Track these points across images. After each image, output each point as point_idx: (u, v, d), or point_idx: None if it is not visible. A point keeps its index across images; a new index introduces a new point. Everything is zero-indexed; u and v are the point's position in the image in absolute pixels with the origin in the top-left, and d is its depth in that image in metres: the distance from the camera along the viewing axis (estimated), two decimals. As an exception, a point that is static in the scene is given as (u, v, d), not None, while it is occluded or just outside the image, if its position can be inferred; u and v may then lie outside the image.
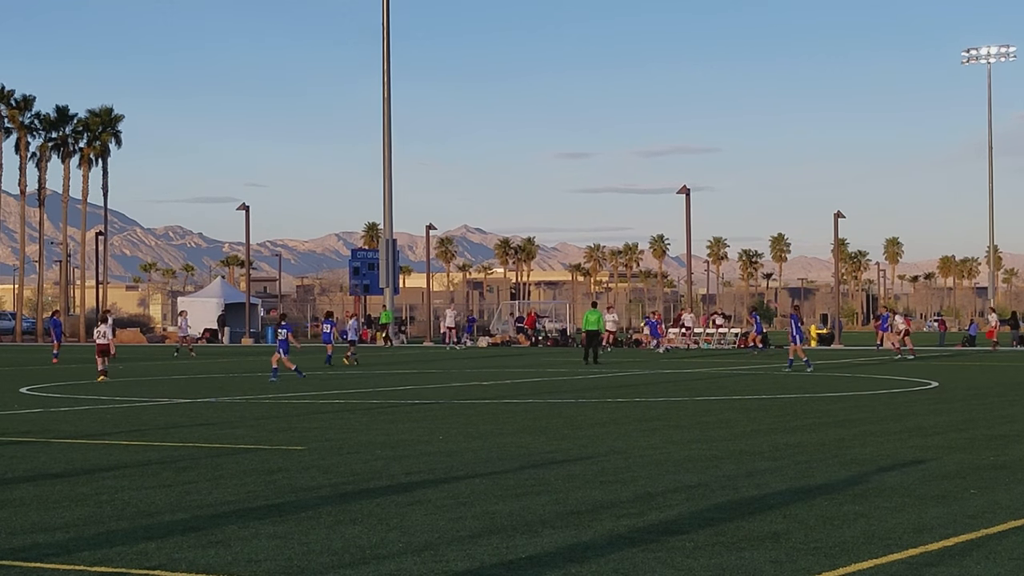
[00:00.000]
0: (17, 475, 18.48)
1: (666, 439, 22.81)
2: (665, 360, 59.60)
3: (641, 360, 59.46)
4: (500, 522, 14.02)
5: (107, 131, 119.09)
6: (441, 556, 12.24)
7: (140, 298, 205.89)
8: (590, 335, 56.93)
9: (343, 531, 13.63)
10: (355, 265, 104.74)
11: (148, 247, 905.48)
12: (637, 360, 59.05)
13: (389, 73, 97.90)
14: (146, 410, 31.34)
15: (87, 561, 12.11)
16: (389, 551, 12.53)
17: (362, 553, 12.44)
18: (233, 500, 15.83)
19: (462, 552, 12.44)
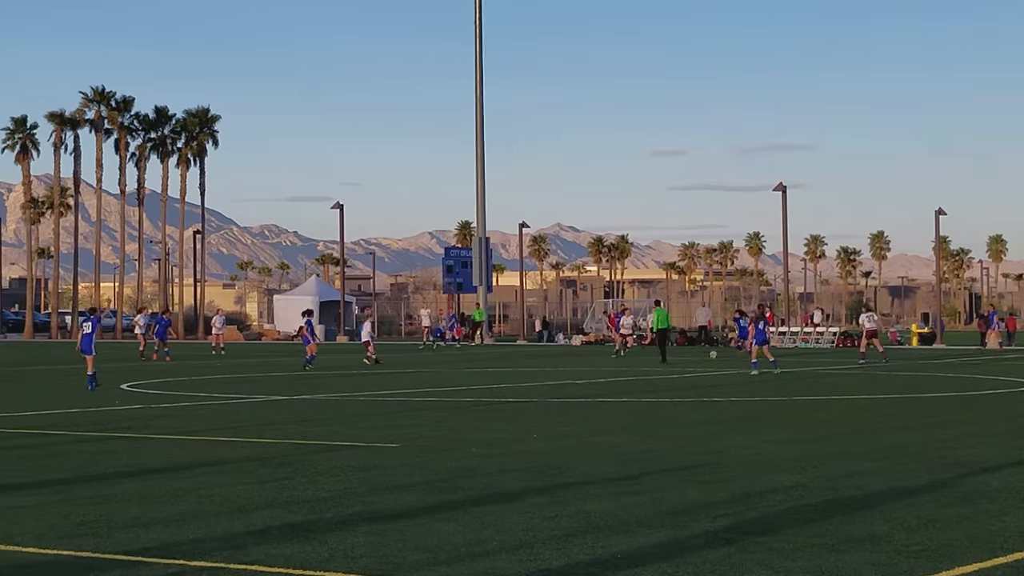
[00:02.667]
0: (119, 470, 18.66)
1: (763, 439, 22.63)
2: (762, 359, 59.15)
3: (738, 359, 59.09)
4: (595, 521, 13.95)
5: (204, 131, 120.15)
6: (536, 555, 12.20)
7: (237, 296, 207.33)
8: (661, 333, 57.40)
9: (438, 528, 13.61)
10: (448, 263, 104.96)
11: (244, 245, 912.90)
12: (733, 359, 58.65)
13: (482, 71, 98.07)
14: (243, 406, 31.56)
15: (186, 555, 12.18)
16: (484, 549, 12.50)
17: (457, 551, 12.42)
18: (329, 497, 15.87)
19: (557, 551, 12.38)
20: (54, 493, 16.26)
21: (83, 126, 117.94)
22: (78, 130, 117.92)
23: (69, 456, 20.52)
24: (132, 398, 34.14)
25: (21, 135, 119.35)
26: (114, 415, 28.97)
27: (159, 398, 34.20)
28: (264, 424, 26.42)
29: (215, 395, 35.20)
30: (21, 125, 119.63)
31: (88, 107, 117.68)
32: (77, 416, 28.58)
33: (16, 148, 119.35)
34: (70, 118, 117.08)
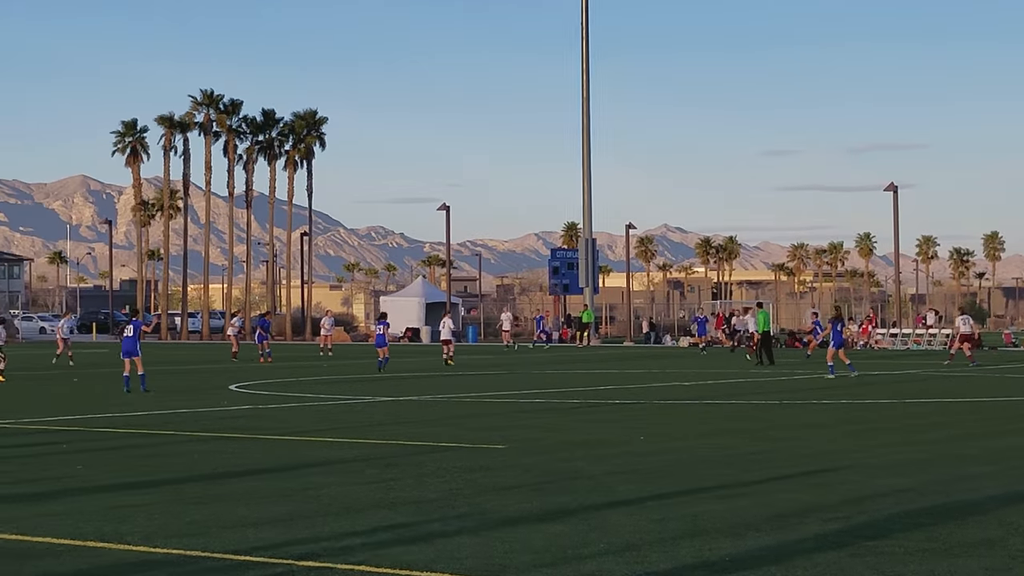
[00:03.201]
0: (227, 470, 18.79)
1: (874, 441, 22.36)
2: (872, 361, 58.58)
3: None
4: (703, 524, 13.83)
5: (311, 134, 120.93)
6: (643, 557, 12.11)
7: (344, 297, 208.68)
8: (764, 336, 56.94)
9: (544, 530, 13.56)
10: (555, 265, 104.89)
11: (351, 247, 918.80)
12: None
13: (588, 72, 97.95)
14: (351, 407, 31.70)
15: (294, 555, 12.22)
16: (590, 551, 12.43)
17: (563, 552, 12.36)
18: (435, 498, 15.87)
19: (664, 553, 12.29)
20: (164, 493, 16.40)
21: (192, 129, 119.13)
22: (187, 133, 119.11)
23: (179, 456, 20.70)
24: (240, 399, 34.40)
25: (131, 139, 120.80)
26: (223, 416, 29.21)
27: (267, 399, 34.44)
28: (371, 425, 26.52)
29: (323, 396, 35.39)
30: (131, 129, 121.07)
31: (197, 110, 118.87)
32: (186, 416, 28.85)
33: (127, 151, 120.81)
34: (179, 121, 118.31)
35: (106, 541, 13.01)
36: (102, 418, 28.38)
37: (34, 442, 23.21)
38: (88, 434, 24.65)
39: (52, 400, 34.04)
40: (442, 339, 56.43)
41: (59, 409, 30.81)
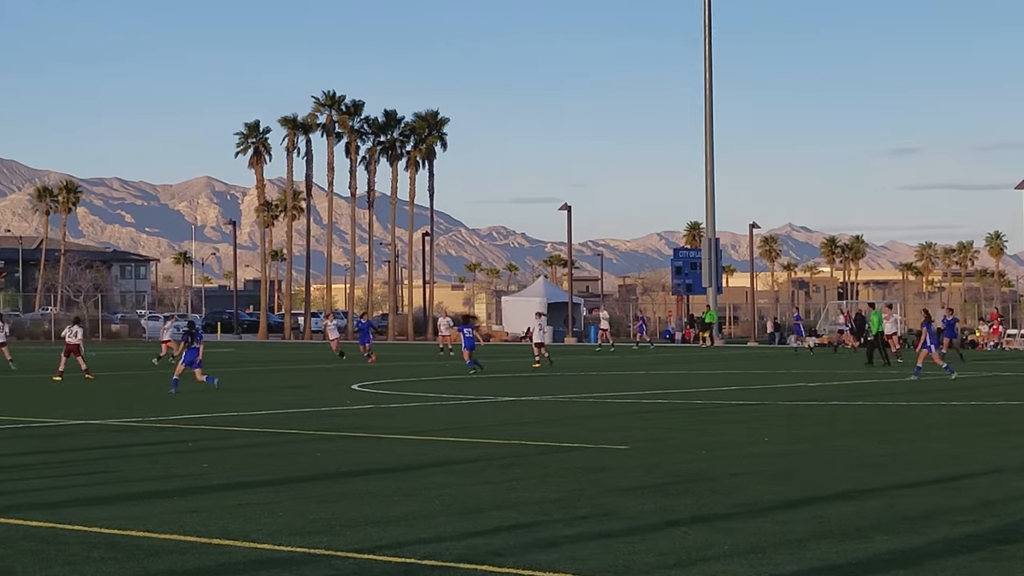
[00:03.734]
0: (351, 469, 18.86)
1: (1007, 444, 21.96)
2: (1004, 362, 57.72)
3: (978, 362, 57.69)
4: (830, 526, 13.64)
5: (433, 134, 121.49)
6: (769, 559, 11.96)
7: (465, 297, 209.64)
8: (878, 336, 56.20)
9: (668, 531, 13.44)
10: (677, 264, 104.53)
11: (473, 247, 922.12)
12: (973, 362, 57.25)
13: (711, 70, 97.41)
14: (473, 407, 31.74)
15: (417, 555, 12.22)
16: (715, 552, 12.31)
17: (688, 554, 12.25)
18: (558, 498, 15.80)
19: (790, 556, 12.12)
20: (288, 491, 16.49)
21: (315, 130, 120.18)
22: (310, 134, 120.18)
23: (302, 455, 20.82)
24: (363, 398, 34.58)
25: (255, 140, 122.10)
26: (346, 415, 29.37)
27: (389, 398, 34.58)
28: (493, 425, 26.52)
29: (444, 396, 35.47)
30: (254, 130, 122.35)
31: (319, 112, 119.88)
32: (310, 416, 29.04)
33: (250, 152, 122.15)
34: (302, 123, 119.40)
35: (231, 539, 13.10)
36: (226, 417, 28.66)
37: (160, 440, 23.47)
38: (213, 432, 24.89)
39: (177, 399, 34.42)
40: (535, 342, 55.52)
41: (184, 408, 31.15)
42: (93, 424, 26.78)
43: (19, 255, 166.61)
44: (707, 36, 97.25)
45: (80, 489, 16.76)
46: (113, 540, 13.05)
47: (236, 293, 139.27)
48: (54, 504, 15.36)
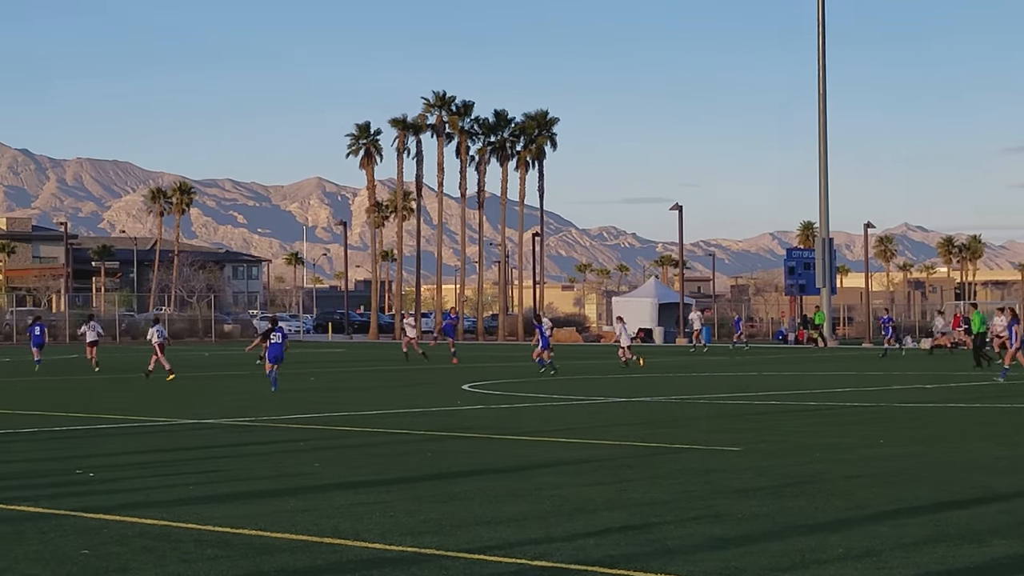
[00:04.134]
0: (461, 469, 18.86)
1: (1124, 446, 21.54)
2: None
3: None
4: (946, 529, 13.43)
5: (543, 134, 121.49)
6: (883, 562, 11.79)
7: (575, 298, 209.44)
8: (978, 337, 55.19)
9: (781, 534, 13.31)
10: (790, 265, 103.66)
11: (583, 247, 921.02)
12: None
13: (824, 69, 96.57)
14: (583, 408, 31.67)
15: (527, 555, 12.18)
16: (829, 555, 12.17)
17: (801, 556, 12.11)
18: (669, 500, 15.71)
19: (905, 559, 11.95)
20: (399, 491, 16.52)
21: (425, 131, 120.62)
22: (420, 135, 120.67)
23: (414, 455, 20.86)
24: (473, 399, 34.62)
25: (365, 141, 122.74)
26: (456, 415, 29.42)
27: (500, 399, 34.60)
28: (603, 425, 26.43)
29: (555, 396, 35.43)
30: (365, 131, 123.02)
31: (430, 112, 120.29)
32: (420, 416, 29.12)
33: (360, 153, 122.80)
34: (412, 123, 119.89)
35: (343, 538, 13.14)
36: (337, 416, 28.81)
37: (272, 439, 23.64)
38: (324, 432, 25.03)
39: (288, 399, 34.67)
40: (623, 344, 54.57)
41: (296, 408, 31.36)
42: (206, 423, 27.04)
43: (134, 256, 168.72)
44: (821, 34, 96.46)
45: (193, 488, 16.90)
46: (225, 538, 13.14)
47: (347, 293, 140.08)
48: (168, 502, 15.50)
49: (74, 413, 29.66)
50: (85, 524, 13.99)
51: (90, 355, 51.12)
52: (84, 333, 52.04)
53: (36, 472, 18.73)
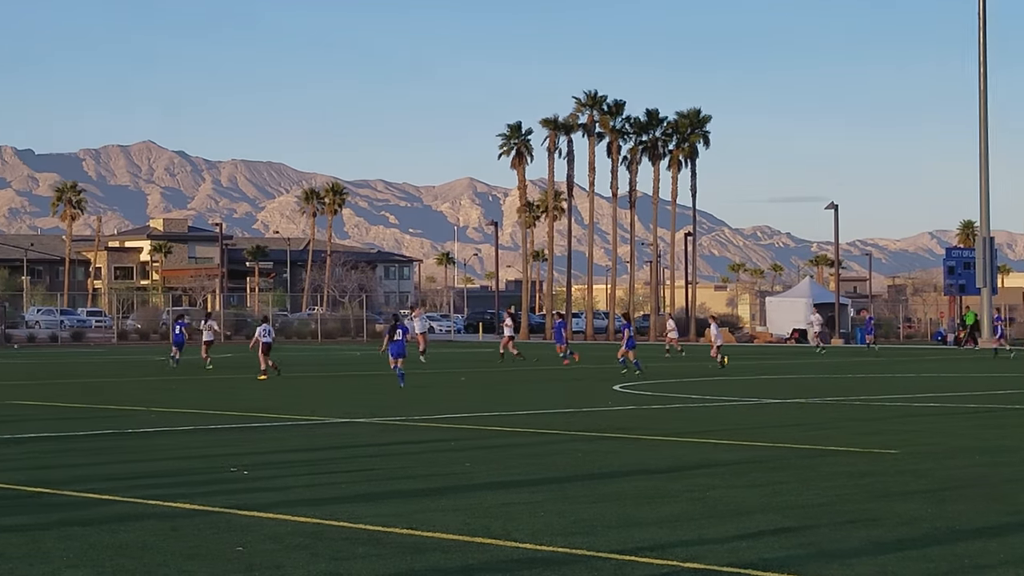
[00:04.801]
0: (611, 470, 18.77)
1: None
2: None
3: None
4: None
5: (696, 133, 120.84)
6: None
7: (728, 298, 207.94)
8: None
9: (939, 538, 13.04)
10: (950, 264, 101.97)
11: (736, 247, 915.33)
12: None
13: (985, 65, 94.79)
14: (735, 409, 31.39)
15: (679, 557, 12.06)
16: (989, 561, 11.92)
17: (960, 562, 11.87)
18: (824, 502, 15.47)
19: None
20: (549, 491, 16.46)
21: (576, 131, 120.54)
22: (571, 135, 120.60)
23: (563, 455, 20.79)
24: (624, 399, 34.48)
25: (516, 141, 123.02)
26: (606, 416, 29.31)
27: (650, 399, 34.43)
28: (756, 427, 26.15)
29: (707, 397, 35.16)
30: (516, 131, 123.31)
31: (581, 112, 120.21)
32: (571, 416, 29.05)
33: (512, 154, 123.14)
34: (563, 123, 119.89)
35: (494, 537, 13.10)
36: (487, 416, 28.84)
37: (422, 439, 23.71)
38: (474, 432, 25.04)
39: (438, 398, 34.81)
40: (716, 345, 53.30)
41: (446, 407, 31.48)
42: (357, 422, 27.21)
43: (287, 256, 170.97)
44: (982, 28, 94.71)
45: (345, 486, 16.99)
46: (377, 537, 13.17)
47: (497, 293, 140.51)
48: (321, 500, 15.59)
49: (227, 411, 30.04)
50: (239, 521, 14.12)
51: (204, 353, 52.07)
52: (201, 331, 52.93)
53: (191, 469, 18.97)
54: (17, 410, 30.76)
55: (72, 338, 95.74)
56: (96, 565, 11.78)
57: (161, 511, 14.83)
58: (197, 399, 34.41)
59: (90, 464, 19.61)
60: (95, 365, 56.52)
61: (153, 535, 13.23)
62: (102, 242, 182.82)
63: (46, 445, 22.49)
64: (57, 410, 30.76)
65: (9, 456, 20.71)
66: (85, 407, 31.64)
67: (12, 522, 14.04)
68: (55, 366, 55.46)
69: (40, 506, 15.30)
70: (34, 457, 20.50)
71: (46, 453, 21.13)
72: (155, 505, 15.22)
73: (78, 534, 13.28)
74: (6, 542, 12.84)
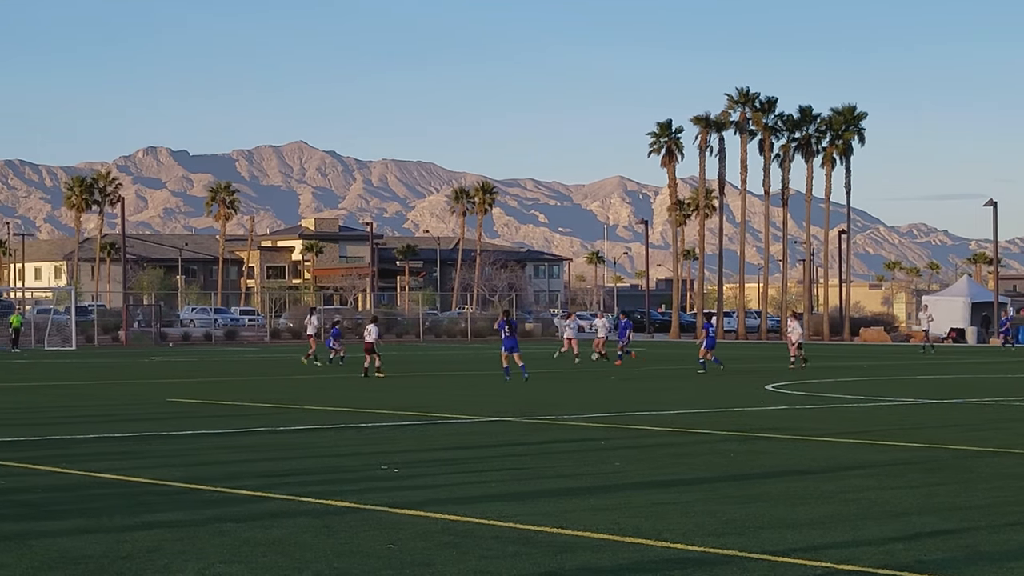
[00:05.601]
0: (764, 470, 18.57)
1: None
2: None
3: None
4: None
5: (850, 129, 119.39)
6: None
7: (883, 296, 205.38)
8: None
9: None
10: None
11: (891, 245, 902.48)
12: None
13: None
14: (890, 410, 30.92)
15: (833, 559, 11.86)
16: None
17: None
18: (983, 504, 15.15)
19: None
20: (701, 491, 16.32)
21: (727, 128, 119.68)
22: (722, 132, 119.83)
23: (714, 455, 20.62)
24: (777, 399, 34.15)
25: (667, 139, 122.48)
26: (759, 416, 29.03)
27: (804, 399, 34.05)
28: (912, 427, 25.74)
29: (861, 397, 34.70)
30: (666, 129, 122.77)
31: (733, 109, 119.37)
32: (721, 415, 28.82)
33: (662, 152, 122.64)
34: (715, 121, 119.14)
35: (644, 537, 13.01)
36: (637, 415, 28.72)
37: (572, 437, 23.66)
38: (624, 431, 24.93)
39: (586, 396, 34.74)
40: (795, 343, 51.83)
41: (595, 405, 31.41)
42: (507, 420, 27.23)
43: (437, 255, 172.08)
44: None
45: (495, 485, 16.98)
46: (526, 536, 13.14)
47: (648, 292, 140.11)
48: (470, 499, 15.60)
49: (378, 409, 30.23)
50: (389, 519, 14.17)
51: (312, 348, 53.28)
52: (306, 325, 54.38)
53: (342, 467, 19.11)
54: (173, 408, 31.26)
55: (226, 337, 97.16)
56: (249, 561, 11.88)
57: (313, 508, 14.93)
58: (348, 397, 34.68)
59: (243, 461, 19.83)
60: (248, 363, 57.29)
61: (305, 532, 13.32)
62: (255, 242, 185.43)
63: (201, 442, 22.80)
64: (211, 408, 31.21)
65: (166, 452, 21.04)
66: (238, 404, 32.06)
67: (168, 518, 14.23)
68: (209, 364, 56.31)
69: (195, 502, 15.49)
70: (189, 454, 20.79)
71: (201, 450, 21.42)
72: (307, 502, 15.33)
73: (231, 530, 13.42)
74: (162, 537, 13.02)
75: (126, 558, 12.00)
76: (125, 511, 14.73)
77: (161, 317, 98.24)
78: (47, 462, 19.34)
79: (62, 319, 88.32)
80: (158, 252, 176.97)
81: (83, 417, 28.22)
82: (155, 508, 14.96)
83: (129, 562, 11.84)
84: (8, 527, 13.66)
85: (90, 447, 21.85)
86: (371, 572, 11.47)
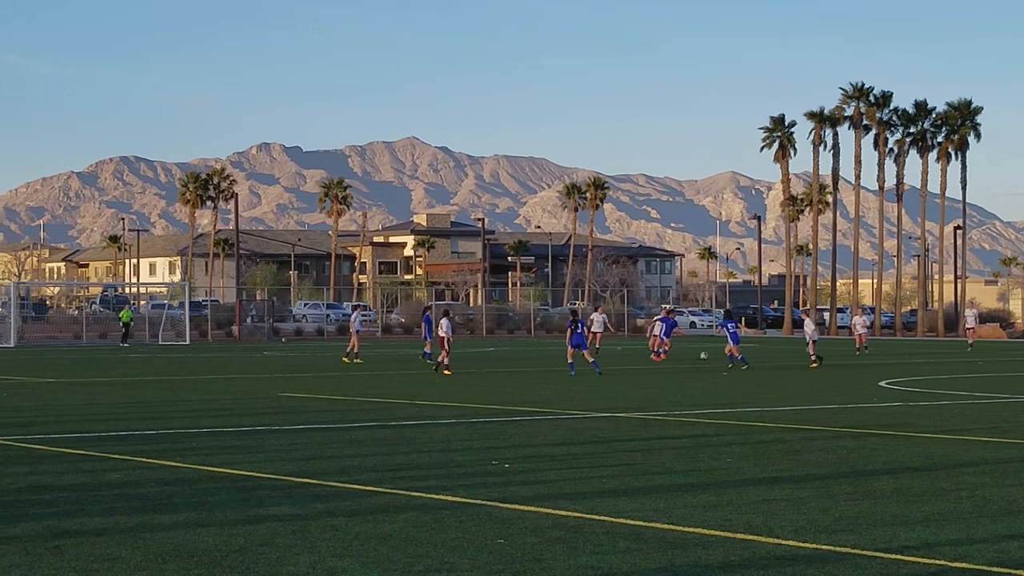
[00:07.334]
0: (877, 467, 18.42)
1: None
2: None
3: None
4: None
5: (966, 124, 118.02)
6: None
7: (999, 293, 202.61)
8: None
9: None
10: None
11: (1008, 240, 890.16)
12: None
13: None
14: (1006, 406, 30.53)
15: (947, 556, 11.75)
16: None
17: None
18: (1101, 503, 14.91)
19: None
20: (813, 488, 16.21)
21: (841, 123, 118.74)
22: (836, 127, 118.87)
23: (826, 452, 20.46)
24: (890, 395, 33.83)
25: (779, 134, 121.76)
26: (872, 412, 28.78)
27: (918, 396, 33.72)
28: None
29: (976, 394, 34.29)
30: (779, 124, 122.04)
31: (846, 104, 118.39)
32: (834, 412, 28.60)
33: (775, 147, 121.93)
34: (828, 116, 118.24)
35: (755, 534, 12.95)
36: (749, 412, 28.58)
37: (683, 434, 23.60)
38: (735, 427, 24.83)
39: (698, 392, 34.61)
40: (811, 341, 50.50)
41: (707, 401, 31.30)
42: (618, 416, 27.19)
43: (548, 251, 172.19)
44: None
45: (606, 480, 16.98)
46: (637, 531, 13.12)
47: (760, 288, 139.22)
48: (581, 494, 15.60)
49: (489, 404, 30.30)
50: (500, 514, 14.20)
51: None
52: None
53: (452, 462, 19.18)
54: (285, 402, 31.54)
55: (338, 332, 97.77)
56: (360, 556, 11.97)
57: (424, 503, 15.00)
58: (459, 392, 34.80)
59: (355, 456, 19.96)
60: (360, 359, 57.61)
61: (416, 527, 13.39)
62: (367, 237, 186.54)
63: (313, 436, 22.98)
64: (323, 402, 31.46)
65: (278, 447, 21.23)
66: (350, 399, 32.30)
67: (281, 512, 14.37)
68: (321, 359, 56.74)
69: (307, 496, 15.62)
70: (301, 448, 20.96)
71: (313, 444, 21.59)
72: (418, 497, 15.41)
73: (343, 524, 13.52)
74: (274, 531, 13.15)
75: (239, 551, 12.13)
76: (238, 505, 14.89)
77: (274, 312, 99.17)
78: (161, 456, 19.61)
79: (176, 314, 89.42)
80: (271, 248, 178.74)
81: (196, 412, 28.57)
82: (267, 502, 15.11)
83: (242, 555, 11.97)
84: (123, 520, 13.87)
85: (203, 441, 22.11)
86: (481, 567, 11.51)
